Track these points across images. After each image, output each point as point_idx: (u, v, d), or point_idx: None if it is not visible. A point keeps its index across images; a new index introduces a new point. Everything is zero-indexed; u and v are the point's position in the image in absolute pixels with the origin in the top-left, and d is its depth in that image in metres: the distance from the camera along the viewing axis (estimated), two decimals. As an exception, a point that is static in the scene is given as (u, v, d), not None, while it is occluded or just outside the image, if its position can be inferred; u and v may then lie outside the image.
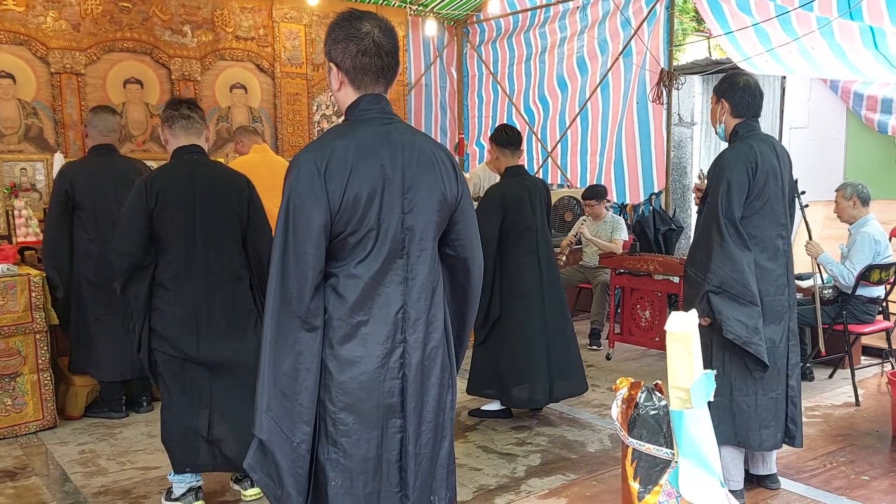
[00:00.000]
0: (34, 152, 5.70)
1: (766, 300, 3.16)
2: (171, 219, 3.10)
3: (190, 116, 3.24)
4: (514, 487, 3.49)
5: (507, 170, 4.36)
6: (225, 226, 3.21)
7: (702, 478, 2.05)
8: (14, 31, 5.58)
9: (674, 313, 2.10)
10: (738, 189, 3.10)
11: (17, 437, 4.17)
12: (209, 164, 3.30)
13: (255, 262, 3.31)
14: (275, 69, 6.81)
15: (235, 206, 3.24)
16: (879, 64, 5.59)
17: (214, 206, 3.18)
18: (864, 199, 4.90)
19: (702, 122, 9.33)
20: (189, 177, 3.17)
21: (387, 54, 1.99)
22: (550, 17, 7.55)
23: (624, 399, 2.27)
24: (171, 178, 3.16)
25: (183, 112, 3.23)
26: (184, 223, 3.12)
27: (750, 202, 3.14)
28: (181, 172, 3.18)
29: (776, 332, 3.21)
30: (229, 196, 3.24)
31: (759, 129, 3.31)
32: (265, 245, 3.29)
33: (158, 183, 3.12)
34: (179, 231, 3.12)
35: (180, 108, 3.24)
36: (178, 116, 3.22)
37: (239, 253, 3.27)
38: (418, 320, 2.00)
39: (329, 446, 1.97)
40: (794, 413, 3.30)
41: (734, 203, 3.09)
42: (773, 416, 3.22)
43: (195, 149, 3.25)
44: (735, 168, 3.12)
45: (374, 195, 1.91)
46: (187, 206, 3.13)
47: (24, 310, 4.14)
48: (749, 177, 3.11)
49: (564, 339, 4.29)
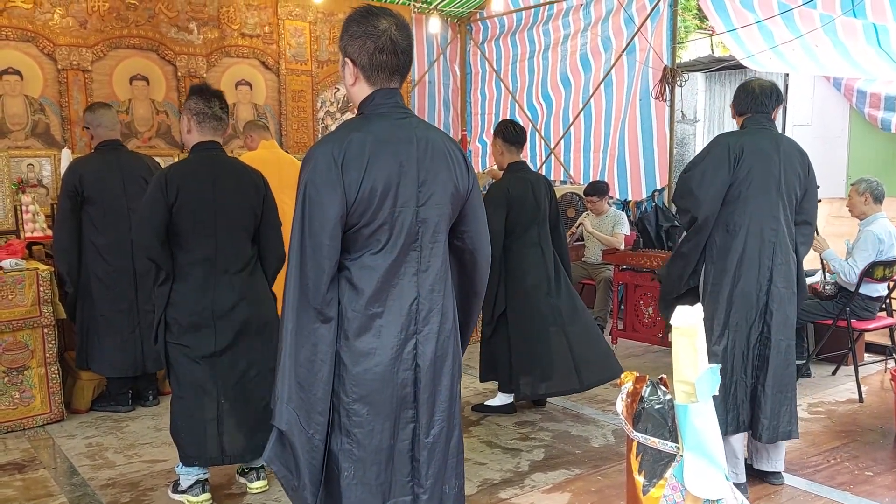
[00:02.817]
0: (41, 148, 5.73)
1: (743, 286, 3.26)
2: (191, 213, 3.12)
3: (221, 118, 3.24)
4: (518, 482, 3.52)
5: (509, 165, 4.38)
6: (243, 221, 3.24)
7: (707, 471, 2.07)
8: (21, 27, 5.61)
9: (679, 307, 2.11)
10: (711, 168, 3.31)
11: (24, 430, 4.20)
12: (228, 161, 3.32)
13: (267, 256, 3.34)
14: (280, 66, 6.84)
15: (253, 201, 3.27)
16: (883, 61, 5.59)
17: (234, 201, 3.20)
18: (876, 196, 4.90)
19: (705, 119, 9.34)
20: (210, 173, 3.18)
21: (402, 52, 2.02)
22: (554, 14, 7.56)
23: (629, 393, 2.28)
24: (191, 173, 3.17)
25: (216, 112, 3.21)
26: (204, 218, 3.14)
27: (736, 187, 3.28)
28: (202, 168, 3.19)
29: (745, 317, 3.27)
30: (247, 192, 3.26)
31: (765, 123, 3.37)
32: (276, 239, 3.34)
33: (179, 178, 3.13)
34: (199, 226, 3.14)
35: (213, 108, 3.21)
36: (211, 116, 3.20)
37: (253, 248, 3.30)
38: (432, 311, 2.03)
39: (342, 437, 1.99)
40: (763, 407, 3.28)
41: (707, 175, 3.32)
42: (720, 400, 3.26)
43: (215, 145, 3.26)
44: (712, 152, 3.34)
45: (389, 188, 1.94)
46: (208, 201, 3.15)
47: (32, 304, 4.17)
48: (729, 163, 3.27)
49: (583, 326, 4.28)
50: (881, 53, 5.51)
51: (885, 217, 4.92)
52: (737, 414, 3.30)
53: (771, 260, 3.27)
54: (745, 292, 3.28)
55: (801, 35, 5.55)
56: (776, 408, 3.29)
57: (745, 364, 3.30)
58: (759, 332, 3.30)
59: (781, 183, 3.29)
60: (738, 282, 3.28)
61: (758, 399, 3.30)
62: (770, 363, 3.28)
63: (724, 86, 9.20)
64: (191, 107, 3.22)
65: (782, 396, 3.31)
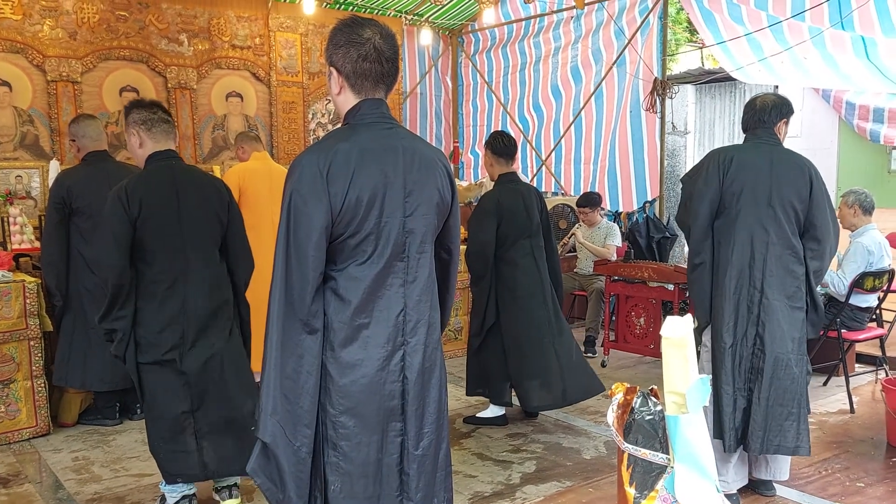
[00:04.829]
0: (30, 160, 5.70)
1: (731, 296, 3.28)
2: (156, 227, 3.02)
3: (168, 120, 3.16)
4: (510, 494, 3.49)
5: (500, 176, 4.37)
6: (209, 231, 3.16)
7: (698, 482, 2.05)
8: (11, 39, 5.59)
9: (669, 318, 2.10)
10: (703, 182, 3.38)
11: (10, 444, 4.16)
12: (188, 169, 3.24)
13: (235, 265, 3.27)
14: (271, 78, 6.84)
15: (217, 210, 3.19)
16: (871, 73, 5.64)
17: (198, 211, 3.12)
18: (865, 207, 4.91)
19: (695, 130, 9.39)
20: (171, 183, 3.08)
21: (387, 60, 2.01)
22: (545, 26, 7.60)
23: (620, 404, 2.27)
24: (153, 185, 3.06)
25: (162, 116, 3.13)
26: (170, 231, 3.05)
27: (726, 200, 3.32)
28: (163, 179, 3.09)
29: (738, 329, 3.27)
30: (211, 201, 3.18)
31: (764, 137, 3.40)
32: (244, 248, 3.28)
33: (140, 191, 3.01)
34: (166, 239, 3.04)
35: (157, 112, 3.13)
36: (159, 120, 3.11)
37: (221, 258, 3.23)
38: (419, 322, 2.02)
39: (329, 450, 1.97)
40: (754, 417, 3.26)
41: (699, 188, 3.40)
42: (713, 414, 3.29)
43: (172, 154, 3.17)
44: (705, 165, 3.42)
45: (374, 199, 1.93)
46: (172, 213, 3.06)
47: (19, 316, 4.13)
48: (719, 176, 3.33)
49: (568, 341, 4.29)
50: (869, 65, 5.55)
51: (875, 228, 4.94)
52: (734, 430, 3.27)
53: (762, 272, 3.25)
54: (737, 304, 3.28)
55: (790, 47, 5.59)
56: (770, 421, 3.25)
57: (739, 376, 3.29)
58: (753, 343, 3.28)
59: (773, 195, 3.27)
60: (730, 294, 3.29)
61: (753, 411, 3.27)
62: (764, 375, 3.25)
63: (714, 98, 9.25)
64: (134, 119, 3.11)
65: (782, 410, 3.25)
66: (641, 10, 6.69)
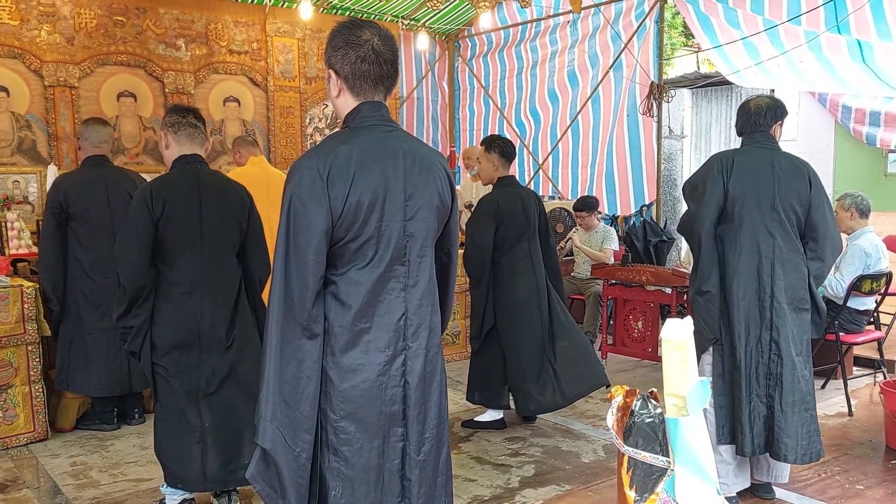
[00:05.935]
0: (27, 165, 5.70)
1: (740, 302, 3.25)
2: (178, 229, 3.07)
3: (196, 126, 3.22)
4: (509, 498, 3.49)
5: (499, 180, 4.36)
6: (229, 236, 3.20)
7: (698, 485, 2.05)
8: (8, 44, 5.60)
9: (669, 321, 2.10)
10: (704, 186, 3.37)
11: (7, 449, 4.14)
12: (212, 174, 3.28)
13: (252, 268, 3.29)
14: (268, 82, 6.84)
15: (238, 215, 3.23)
16: (867, 77, 5.66)
17: (220, 215, 3.16)
18: (862, 210, 4.93)
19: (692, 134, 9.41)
20: (195, 186, 3.14)
21: (386, 62, 2.00)
22: (541, 31, 7.61)
23: (619, 407, 2.26)
24: (176, 186, 3.12)
25: (190, 121, 3.20)
26: (191, 233, 3.09)
27: (730, 205, 3.31)
28: (186, 181, 3.14)
29: (752, 334, 3.25)
30: (232, 206, 3.23)
31: (761, 140, 3.39)
32: (261, 253, 3.30)
33: (164, 192, 3.07)
34: (186, 241, 3.09)
35: (187, 117, 3.21)
36: (186, 124, 3.18)
37: (239, 263, 3.26)
38: (420, 327, 2.01)
39: (330, 455, 1.96)
40: (784, 426, 3.23)
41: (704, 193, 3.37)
42: (727, 419, 3.28)
43: (197, 158, 3.22)
44: (706, 171, 3.40)
45: (375, 202, 1.92)
46: (194, 215, 3.10)
47: (17, 321, 4.12)
48: (722, 180, 3.31)
49: (572, 340, 4.27)
50: (865, 69, 5.57)
51: (872, 231, 4.95)
52: (752, 436, 3.25)
53: (770, 276, 3.25)
54: (747, 309, 3.25)
55: (786, 51, 5.61)
56: (801, 428, 3.23)
57: (756, 381, 3.26)
58: (769, 349, 3.26)
59: (776, 200, 3.27)
60: (738, 300, 3.26)
61: (777, 418, 3.24)
62: (784, 381, 3.23)
63: (711, 102, 9.28)
64: (165, 122, 3.22)
65: (805, 415, 3.25)
66: (638, 15, 6.71)
